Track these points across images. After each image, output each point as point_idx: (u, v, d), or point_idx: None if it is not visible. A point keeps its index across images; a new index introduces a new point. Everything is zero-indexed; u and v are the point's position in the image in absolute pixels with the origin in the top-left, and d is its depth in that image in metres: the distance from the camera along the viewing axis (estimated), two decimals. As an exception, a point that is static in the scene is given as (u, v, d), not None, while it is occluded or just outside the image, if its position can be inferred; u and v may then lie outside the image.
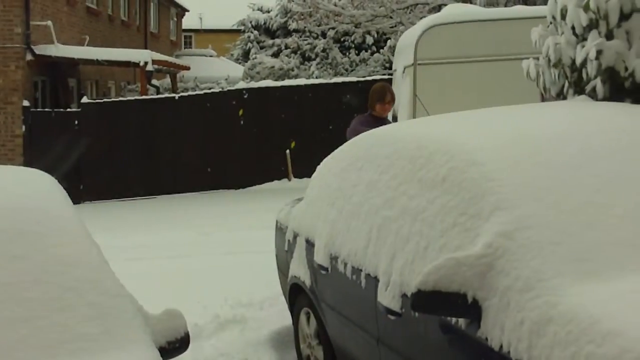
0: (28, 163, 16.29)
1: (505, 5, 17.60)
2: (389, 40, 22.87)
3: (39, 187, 3.73)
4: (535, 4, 16.57)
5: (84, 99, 18.16)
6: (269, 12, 30.79)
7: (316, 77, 22.90)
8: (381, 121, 7.60)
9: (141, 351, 2.96)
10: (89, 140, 17.48)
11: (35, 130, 17.42)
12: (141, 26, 29.20)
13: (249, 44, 29.97)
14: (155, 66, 20.97)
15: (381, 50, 24.42)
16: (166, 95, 20.23)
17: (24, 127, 17.58)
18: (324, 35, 25.79)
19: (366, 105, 7.83)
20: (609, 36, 5.21)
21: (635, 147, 3.75)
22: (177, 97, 18.55)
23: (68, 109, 18.68)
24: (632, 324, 2.66)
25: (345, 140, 5.95)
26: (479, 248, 3.28)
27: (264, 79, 21.76)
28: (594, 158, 3.62)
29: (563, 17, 5.65)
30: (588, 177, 3.49)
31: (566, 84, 5.65)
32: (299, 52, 26.13)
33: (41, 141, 17.37)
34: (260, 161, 17.94)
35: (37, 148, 17.27)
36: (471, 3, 17.87)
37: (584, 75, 5.35)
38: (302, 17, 22.79)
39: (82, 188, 17.11)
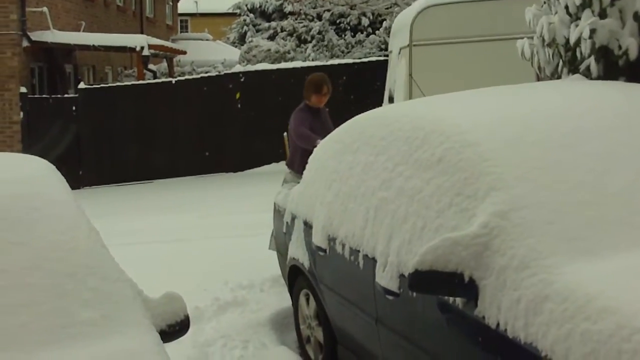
0: (26, 149, 16.29)
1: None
2: (384, 22, 22.79)
3: (36, 173, 3.74)
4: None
5: (81, 85, 18.12)
6: (264, -6, 30.66)
7: (312, 60, 22.81)
8: (317, 112, 7.75)
9: (142, 335, 2.98)
10: (87, 126, 17.49)
11: (33, 116, 17.39)
12: (137, 11, 29.09)
13: (245, 27, 29.86)
14: (152, 51, 20.92)
15: (377, 32, 24.29)
16: (163, 79, 20.18)
17: (21, 114, 17.54)
18: (319, 17, 25.68)
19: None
20: (602, 15, 5.21)
21: (629, 125, 3.77)
22: (174, 82, 18.52)
23: (65, 95, 18.64)
24: (627, 300, 2.69)
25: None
26: (475, 228, 3.30)
27: (261, 62, 21.68)
28: (588, 137, 3.64)
29: (557, -4, 5.66)
30: (582, 156, 3.51)
31: (560, 63, 5.65)
32: (294, 35, 26.03)
33: (39, 127, 17.36)
34: (258, 144, 17.93)
35: (35, 134, 17.27)
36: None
37: (578, 54, 5.36)
38: (297, -1, 22.73)
39: (80, 173, 17.11)
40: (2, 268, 3.04)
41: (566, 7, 5.50)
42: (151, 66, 21.84)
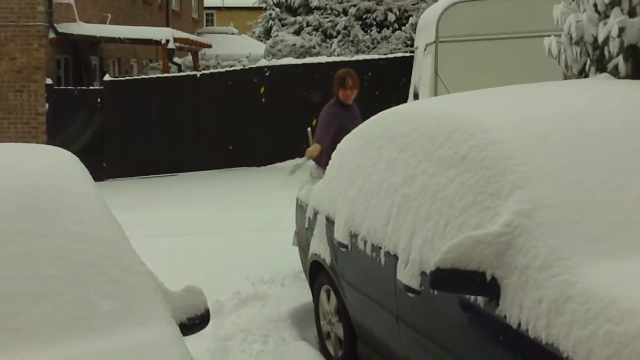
0: (51, 141, 16.39)
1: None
2: (410, 18, 22.73)
3: (59, 164, 3.76)
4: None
5: (107, 77, 18.20)
6: (290, -11, 30.61)
7: (338, 55, 22.77)
8: (348, 107, 7.61)
9: (161, 327, 2.99)
10: (112, 118, 17.58)
11: (59, 108, 17.51)
12: (163, 4, 29.17)
13: (271, 22, 29.84)
14: (177, 44, 20.97)
15: (403, 28, 24.20)
16: (188, 73, 20.24)
17: (47, 105, 17.66)
18: (345, 12, 25.63)
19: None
20: (632, 13, 5.17)
21: (656, 125, 3.72)
22: (198, 75, 18.57)
23: (91, 87, 18.76)
24: (651, 302, 2.66)
25: None
26: (497, 226, 3.28)
27: (286, 56, 21.68)
28: (614, 136, 3.60)
29: (585, -6, 5.61)
30: (607, 155, 3.48)
31: (588, 62, 5.61)
32: (320, 30, 25.98)
33: (64, 119, 17.47)
34: (282, 139, 17.92)
35: (60, 126, 17.39)
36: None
37: (606, 53, 5.32)
38: (323, -6, 22.70)
39: (104, 166, 17.20)
40: (25, 258, 3.06)
41: (595, 5, 5.46)
42: (176, 59, 21.88)
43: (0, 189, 3.36)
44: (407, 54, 18.59)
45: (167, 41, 19.76)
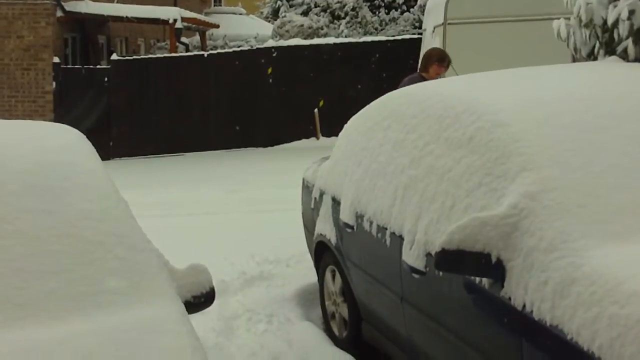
0: (58, 119, 16.40)
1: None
2: (419, -1, 22.63)
3: (67, 142, 3.76)
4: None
5: (114, 56, 18.21)
6: (298, -31, 30.46)
7: (345, 36, 22.69)
8: None
9: (167, 305, 3.00)
10: (119, 97, 17.60)
11: (66, 86, 17.54)
12: (171, -17, 29.10)
13: (279, 2, 29.70)
14: (185, 24, 20.92)
15: (411, 9, 24.10)
16: (195, 53, 20.21)
17: (54, 84, 17.69)
18: (354, -7, 25.56)
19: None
20: (642, -4, 5.14)
21: (664, 108, 3.71)
22: (206, 55, 18.55)
23: (98, 66, 18.76)
24: (656, 285, 2.66)
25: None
26: (504, 208, 3.28)
27: (293, 37, 21.62)
28: (623, 120, 3.59)
29: (595, -24, 5.58)
30: (616, 139, 3.47)
31: (597, 45, 5.59)
32: (328, 11, 25.85)
33: (71, 98, 17.50)
34: (289, 119, 17.94)
35: (67, 104, 17.42)
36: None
37: (616, 36, 5.30)
38: (332, -26, 22.60)
39: (111, 145, 17.23)
40: (32, 235, 3.07)
41: (604, -12, 5.43)
42: (184, 39, 21.84)
43: (8, 166, 3.37)
44: (415, 36, 18.53)
45: (175, 21, 19.72)
